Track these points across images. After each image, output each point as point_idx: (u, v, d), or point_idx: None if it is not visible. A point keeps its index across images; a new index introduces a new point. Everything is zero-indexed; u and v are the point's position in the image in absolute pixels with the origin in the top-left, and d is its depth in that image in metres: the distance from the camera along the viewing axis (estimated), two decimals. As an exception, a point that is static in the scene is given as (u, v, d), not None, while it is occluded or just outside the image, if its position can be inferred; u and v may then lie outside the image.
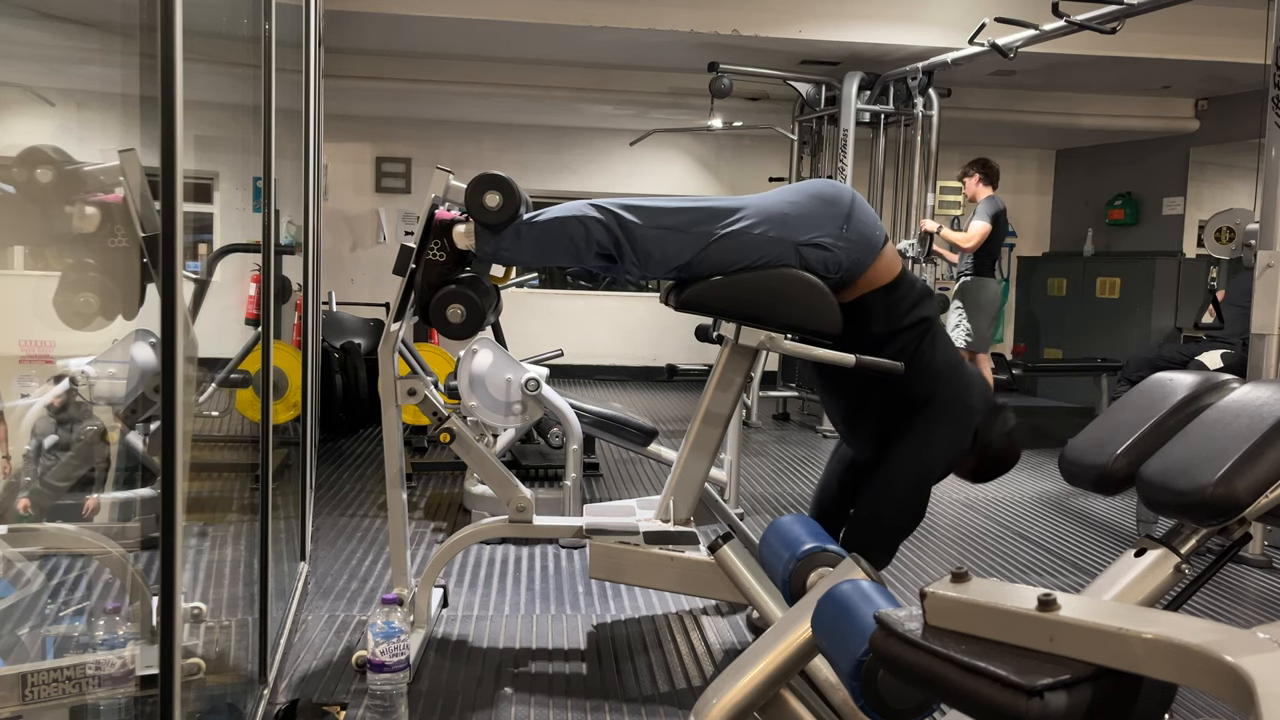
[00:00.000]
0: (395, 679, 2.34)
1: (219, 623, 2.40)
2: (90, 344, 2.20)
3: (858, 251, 2.63)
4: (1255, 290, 4.01)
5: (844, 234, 2.61)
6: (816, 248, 2.59)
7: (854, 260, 2.63)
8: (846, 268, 2.63)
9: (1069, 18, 5.19)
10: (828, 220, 2.62)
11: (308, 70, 3.43)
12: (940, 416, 2.71)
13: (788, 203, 2.66)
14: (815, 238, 2.59)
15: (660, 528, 2.76)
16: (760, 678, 1.63)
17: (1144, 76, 7.47)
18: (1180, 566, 1.66)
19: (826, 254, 2.60)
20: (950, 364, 2.77)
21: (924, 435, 2.70)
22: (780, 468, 5.73)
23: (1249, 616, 3.44)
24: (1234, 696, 0.94)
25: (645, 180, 9.99)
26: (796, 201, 2.67)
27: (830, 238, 2.60)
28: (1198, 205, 8.80)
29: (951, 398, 2.73)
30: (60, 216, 1.96)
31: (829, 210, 2.64)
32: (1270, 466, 1.53)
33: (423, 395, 2.76)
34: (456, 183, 2.65)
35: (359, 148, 9.82)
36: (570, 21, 6.33)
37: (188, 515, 1.46)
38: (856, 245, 2.63)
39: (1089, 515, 4.81)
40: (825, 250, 2.60)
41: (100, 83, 2.35)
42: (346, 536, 4.00)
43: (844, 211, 2.64)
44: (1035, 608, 1.10)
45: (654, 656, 2.88)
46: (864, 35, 6.61)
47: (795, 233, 2.59)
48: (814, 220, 2.61)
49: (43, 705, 1.74)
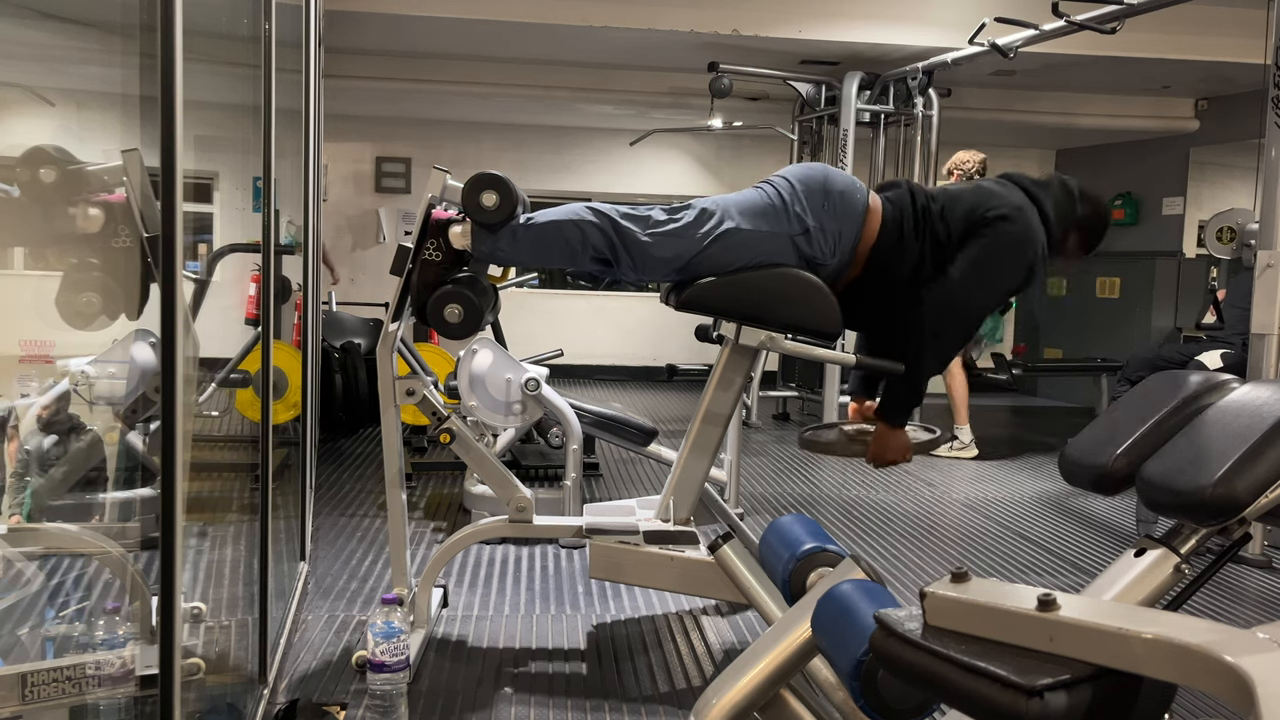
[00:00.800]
0: (395, 679, 2.34)
1: (219, 623, 2.40)
2: (91, 344, 2.20)
3: (845, 223, 2.61)
4: (1255, 290, 4.01)
5: (826, 210, 2.60)
6: (808, 234, 2.59)
7: (845, 232, 2.62)
8: (842, 243, 2.62)
9: (1069, 18, 5.20)
10: (810, 204, 2.61)
11: (308, 70, 3.43)
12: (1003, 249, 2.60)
13: (770, 195, 2.65)
14: (806, 224, 2.59)
15: (660, 528, 2.76)
16: (760, 678, 1.63)
17: (1144, 76, 7.47)
18: (1180, 566, 1.66)
19: (821, 237, 2.59)
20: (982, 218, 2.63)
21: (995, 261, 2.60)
22: (780, 468, 5.73)
23: (1249, 616, 3.44)
24: (1234, 696, 0.94)
25: (645, 180, 10.00)
26: (777, 193, 2.66)
27: (817, 220, 2.60)
28: (1198, 205, 8.80)
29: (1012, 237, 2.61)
30: (63, 216, 1.96)
31: (808, 193, 2.62)
32: (1270, 466, 1.53)
33: (422, 395, 2.76)
34: (454, 182, 2.65)
35: (359, 148, 9.83)
36: (570, 21, 6.33)
37: (188, 515, 1.46)
38: (842, 218, 2.61)
39: (1089, 515, 4.81)
40: (819, 234, 2.59)
41: (100, 83, 2.35)
42: (346, 536, 4.00)
43: (819, 189, 2.62)
44: (1035, 608, 1.10)
45: (654, 656, 2.88)
46: (864, 35, 6.61)
47: (787, 226, 2.59)
48: (799, 207, 2.60)
49: (43, 705, 1.74)
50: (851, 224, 2.63)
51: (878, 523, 4.52)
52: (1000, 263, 2.62)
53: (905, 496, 5.09)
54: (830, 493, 5.13)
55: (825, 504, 4.87)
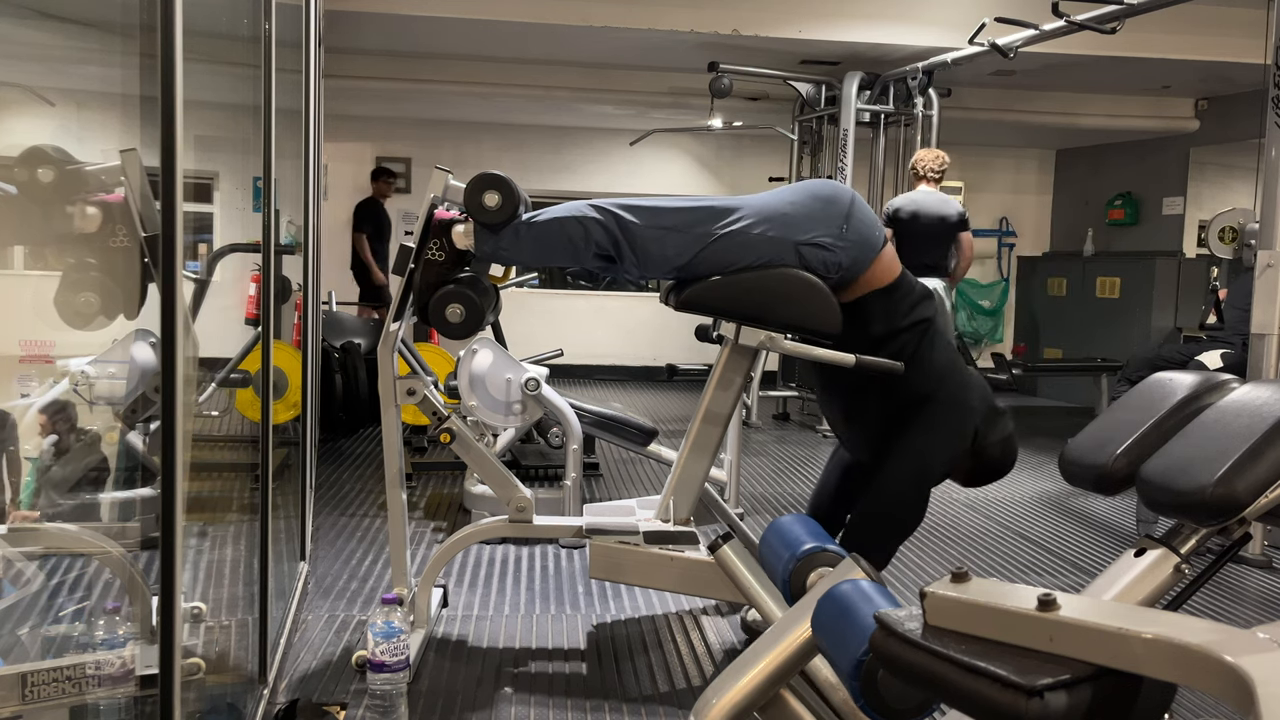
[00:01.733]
0: (395, 679, 2.34)
1: (219, 623, 2.40)
2: (91, 344, 2.20)
3: (857, 251, 2.63)
4: (1255, 290, 4.01)
5: (843, 234, 2.61)
6: (816, 247, 2.59)
7: (853, 260, 2.63)
8: (846, 268, 2.63)
9: (1069, 18, 5.20)
10: (827, 220, 2.62)
11: (308, 70, 3.43)
12: (939, 416, 2.71)
13: (787, 203, 2.66)
14: (814, 237, 2.59)
15: (660, 528, 2.76)
16: (760, 678, 1.63)
17: (1144, 76, 7.47)
18: (1180, 566, 1.66)
19: (826, 254, 2.60)
20: (949, 364, 2.77)
21: (923, 435, 2.70)
22: (780, 468, 5.73)
23: (1249, 616, 3.44)
24: (1234, 696, 0.94)
25: (645, 180, 9.99)
26: (796, 201, 2.67)
27: (829, 237, 2.60)
28: (1198, 205, 8.80)
29: (950, 397, 2.72)
30: (61, 216, 1.96)
31: (828, 210, 2.64)
32: (1270, 466, 1.53)
33: (422, 395, 2.76)
34: (455, 182, 2.65)
35: (359, 148, 9.82)
36: (570, 21, 6.34)
37: (188, 515, 1.46)
38: (856, 245, 2.63)
39: (1089, 515, 4.81)
40: (824, 250, 2.60)
41: (100, 83, 2.35)
42: (346, 536, 4.00)
43: (843, 211, 2.64)
44: (1035, 608, 1.10)
45: (654, 656, 2.88)
46: (864, 35, 6.61)
47: (794, 232, 2.59)
48: (813, 220, 2.61)
49: (43, 705, 1.74)
50: (865, 253, 2.64)
51: (878, 523, 4.52)
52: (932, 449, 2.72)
53: (905, 496, 5.08)
54: (830, 493, 5.13)
55: (825, 504, 4.86)
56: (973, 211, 9.11)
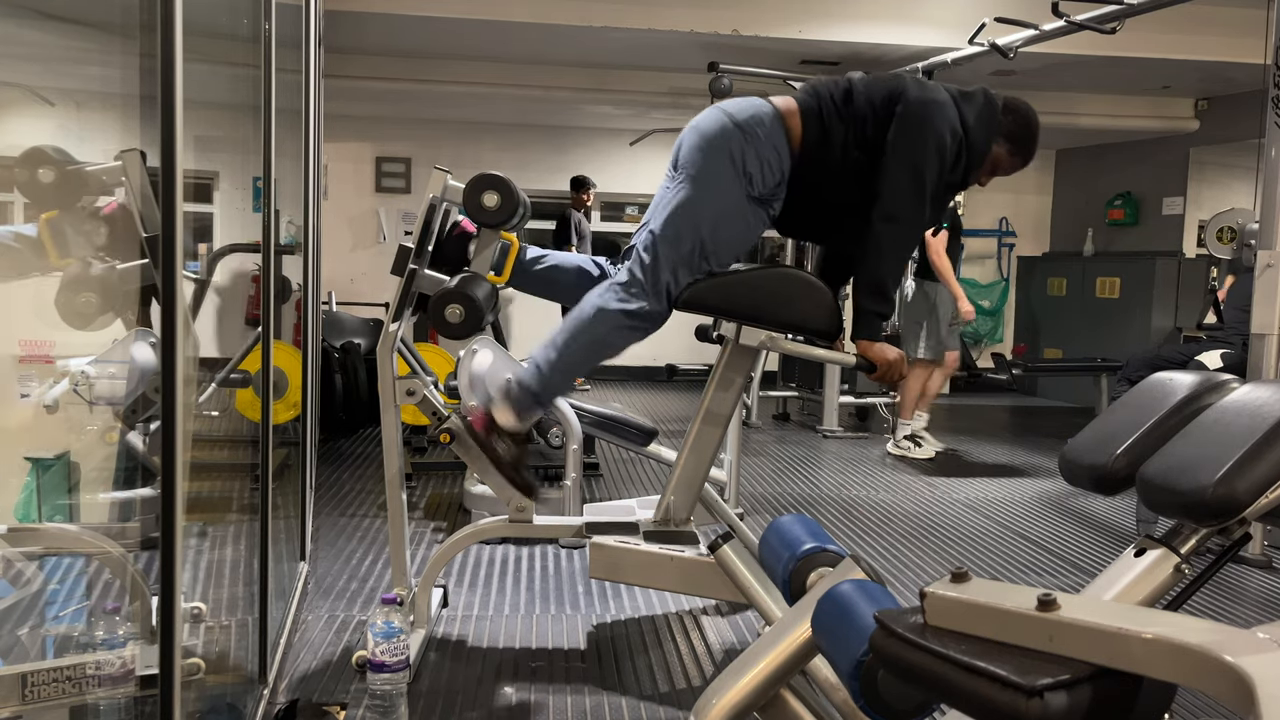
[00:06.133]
0: (395, 679, 2.34)
1: (219, 623, 2.40)
2: (91, 344, 2.20)
3: (772, 139, 2.59)
4: (1255, 290, 4.01)
5: (751, 144, 2.57)
6: (751, 180, 2.57)
7: (779, 147, 2.59)
8: (781, 160, 2.59)
9: (1069, 18, 5.19)
10: (738, 153, 2.57)
11: (308, 70, 3.43)
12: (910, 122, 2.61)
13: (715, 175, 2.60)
14: (750, 174, 2.57)
15: (660, 528, 2.76)
16: (760, 678, 1.63)
17: (1144, 76, 7.47)
18: (1180, 566, 1.66)
19: (765, 175, 2.57)
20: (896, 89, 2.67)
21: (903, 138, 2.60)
22: (780, 468, 5.73)
23: (1249, 616, 3.44)
24: (1234, 696, 0.94)
25: (645, 180, 9.98)
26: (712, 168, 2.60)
27: (754, 161, 2.57)
28: (1198, 205, 8.80)
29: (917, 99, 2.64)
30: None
31: (730, 145, 2.58)
32: (1270, 466, 1.53)
33: (422, 395, 2.76)
34: (454, 182, 2.65)
35: (359, 148, 9.82)
36: (570, 21, 6.33)
37: (188, 515, 1.46)
38: (766, 140, 2.58)
39: (1089, 515, 4.81)
40: (762, 174, 2.57)
41: (100, 83, 2.35)
42: (346, 536, 4.00)
43: (737, 132, 2.58)
44: (1035, 608, 1.10)
45: (654, 656, 2.88)
46: (864, 35, 6.61)
47: (745, 188, 2.57)
48: (732, 165, 2.57)
49: (43, 705, 1.74)
50: (777, 137, 2.59)
51: (878, 523, 4.52)
52: (910, 141, 2.59)
53: (905, 496, 5.09)
54: (830, 493, 5.13)
55: (825, 504, 4.87)
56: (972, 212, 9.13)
